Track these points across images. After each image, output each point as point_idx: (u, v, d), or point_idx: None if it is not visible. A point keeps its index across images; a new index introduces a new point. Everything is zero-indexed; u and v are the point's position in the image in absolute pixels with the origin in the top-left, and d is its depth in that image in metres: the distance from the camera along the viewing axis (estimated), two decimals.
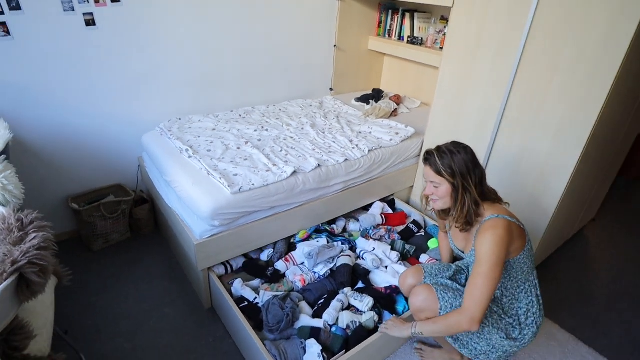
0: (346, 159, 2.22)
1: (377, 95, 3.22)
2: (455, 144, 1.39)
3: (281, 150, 2.24)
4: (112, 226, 2.40)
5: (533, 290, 1.43)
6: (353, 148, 2.34)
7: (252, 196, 1.85)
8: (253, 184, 1.87)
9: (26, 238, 1.11)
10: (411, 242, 2.30)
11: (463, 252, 1.51)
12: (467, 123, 2.24)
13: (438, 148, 1.38)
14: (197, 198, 1.80)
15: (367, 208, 2.58)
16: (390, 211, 2.58)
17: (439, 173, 1.35)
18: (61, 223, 2.42)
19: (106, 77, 2.25)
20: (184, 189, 1.88)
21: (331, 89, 3.37)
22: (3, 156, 1.41)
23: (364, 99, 3.18)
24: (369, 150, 2.34)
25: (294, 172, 2.01)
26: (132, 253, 2.42)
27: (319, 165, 2.11)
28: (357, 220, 2.46)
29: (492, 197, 1.38)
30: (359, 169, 2.28)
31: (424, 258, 2.15)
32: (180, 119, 2.51)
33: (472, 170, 1.33)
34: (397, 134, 2.55)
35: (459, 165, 1.32)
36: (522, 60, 1.88)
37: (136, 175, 2.56)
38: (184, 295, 2.13)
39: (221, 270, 1.99)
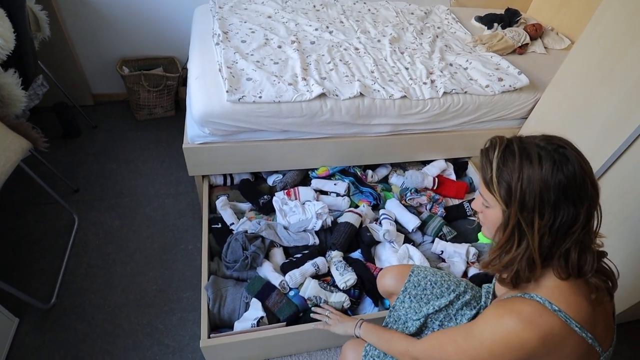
0: (405, 96, 1.66)
1: (508, 18, 2.33)
2: (551, 142, 0.72)
3: (329, 62, 1.76)
4: (155, 99, 2.32)
5: None
6: (425, 83, 1.73)
7: (256, 111, 1.50)
8: (260, 97, 1.49)
9: None
10: (455, 225, 1.75)
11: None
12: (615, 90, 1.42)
13: (510, 143, 0.75)
14: (194, 95, 1.52)
15: (427, 163, 2.03)
16: (454, 177, 1.98)
17: (488, 187, 0.76)
18: (112, 83, 2.41)
19: None
20: (189, 81, 1.61)
21: None
22: None
23: (488, 20, 2.34)
24: (445, 93, 1.71)
25: (322, 95, 1.56)
26: (169, 132, 2.36)
27: (361, 94, 1.60)
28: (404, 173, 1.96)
29: (570, 267, 0.72)
30: (420, 114, 1.70)
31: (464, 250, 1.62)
32: None
33: (552, 204, 0.69)
34: (500, 80, 1.80)
35: (527, 188, 0.69)
36: None
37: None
38: (190, 192, 2.02)
39: (219, 180, 1.79)
